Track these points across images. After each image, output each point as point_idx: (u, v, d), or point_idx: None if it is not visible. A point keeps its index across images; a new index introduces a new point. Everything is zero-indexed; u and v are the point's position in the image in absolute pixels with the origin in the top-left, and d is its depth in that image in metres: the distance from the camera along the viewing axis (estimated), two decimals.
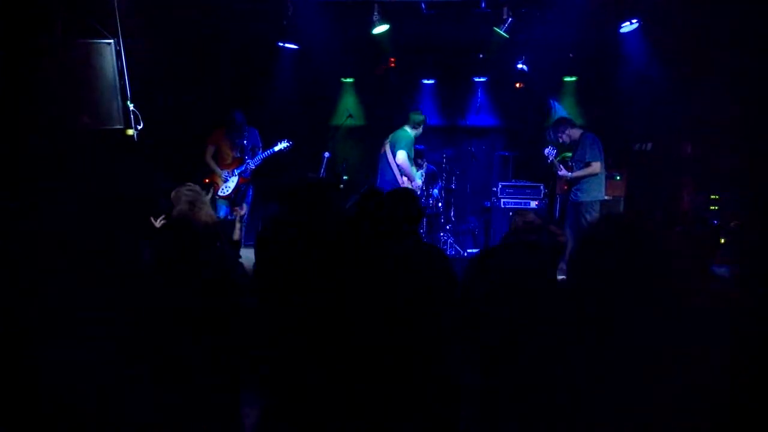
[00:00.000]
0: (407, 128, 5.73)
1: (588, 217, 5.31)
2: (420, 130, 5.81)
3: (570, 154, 5.80)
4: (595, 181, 5.36)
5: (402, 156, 5.49)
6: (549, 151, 5.60)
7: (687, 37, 5.59)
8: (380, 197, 2.84)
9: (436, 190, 7.03)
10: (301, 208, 2.67)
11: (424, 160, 7.04)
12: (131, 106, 4.40)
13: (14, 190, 3.46)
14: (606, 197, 5.61)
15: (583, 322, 1.48)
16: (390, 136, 5.78)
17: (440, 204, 7.14)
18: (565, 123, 5.63)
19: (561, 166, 5.55)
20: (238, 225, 4.09)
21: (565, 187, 5.70)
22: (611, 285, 1.44)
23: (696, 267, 1.62)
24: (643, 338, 1.38)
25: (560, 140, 5.60)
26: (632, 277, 1.41)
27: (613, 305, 1.42)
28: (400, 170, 5.54)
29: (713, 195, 6.03)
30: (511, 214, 3.40)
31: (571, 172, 5.45)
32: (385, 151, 5.73)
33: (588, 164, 5.32)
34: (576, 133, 5.51)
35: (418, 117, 5.80)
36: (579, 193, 5.37)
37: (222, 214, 5.76)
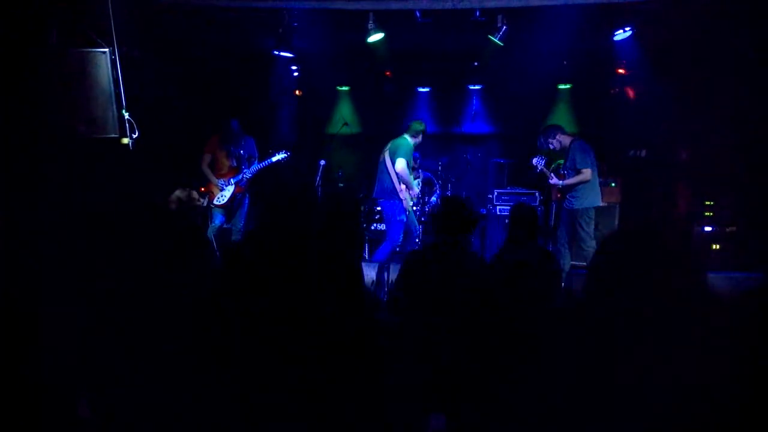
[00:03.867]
0: (407, 137, 5.72)
1: (583, 224, 5.30)
2: (420, 139, 5.80)
3: (560, 162, 5.82)
4: (588, 188, 5.34)
5: (401, 165, 5.48)
6: (537, 160, 5.60)
7: (680, 43, 5.64)
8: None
9: (434, 198, 7.05)
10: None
11: (420, 171, 7.06)
12: (126, 115, 4.39)
13: (8, 198, 3.44)
14: (601, 204, 5.61)
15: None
16: (389, 144, 5.76)
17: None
18: (555, 129, 5.60)
19: (552, 174, 5.54)
20: None
21: (559, 195, 5.69)
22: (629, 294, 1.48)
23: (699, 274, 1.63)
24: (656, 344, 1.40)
25: (550, 146, 5.58)
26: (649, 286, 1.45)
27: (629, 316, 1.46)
28: (398, 178, 5.53)
29: (708, 201, 6.06)
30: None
31: (563, 180, 5.45)
32: (383, 158, 5.72)
33: (579, 171, 5.31)
34: (566, 139, 5.50)
35: (419, 126, 5.78)
36: (573, 201, 5.36)
37: (217, 222, 5.74)
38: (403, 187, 5.58)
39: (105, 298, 2.15)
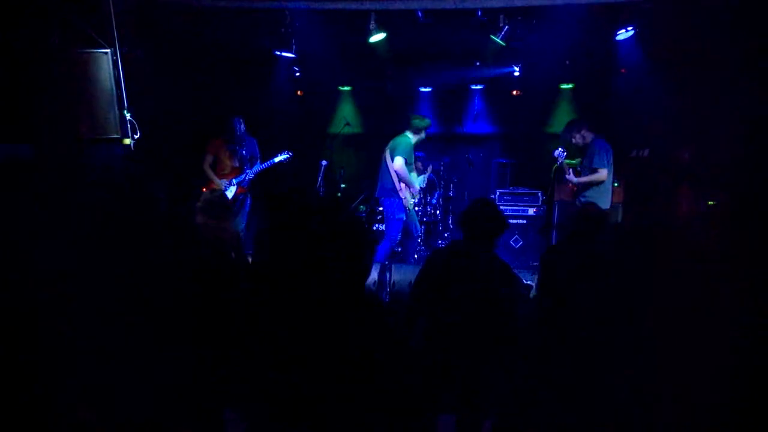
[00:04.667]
0: (408, 134, 5.64)
1: None
2: (422, 135, 5.67)
3: (575, 162, 5.77)
4: (599, 190, 5.28)
5: (399, 162, 5.43)
6: (559, 153, 5.46)
7: (682, 43, 5.61)
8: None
9: (435, 199, 7.04)
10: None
11: (429, 163, 7.03)
12: (128, 116, 4.39)
13: (9, 198, 3.44)
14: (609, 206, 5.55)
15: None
16: (390, 142, 5.72)
17: (438, 212, 7.13)
18: (581, 124, 5.50)
19: (570, 170, 5.46)
20: None
21: (574, 189, 5.63)
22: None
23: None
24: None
25: (573, 140, 5.49)
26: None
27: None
28: (398, 177, 5.50)
29: (711, 201, 6.03)
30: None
31: (578, 177, 5.40)
32: (385, 157, 5.68)
33: (594, 170, 5.25)
34: (589, 136, 5.40)
35: (421, 122, 5.62)
36: (583, 200, 5.33)
37: None
38: (403, 185, 5.56)
39: (105, 297, 2.15)
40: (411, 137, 5.61)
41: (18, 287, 2.28)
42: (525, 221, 6.91)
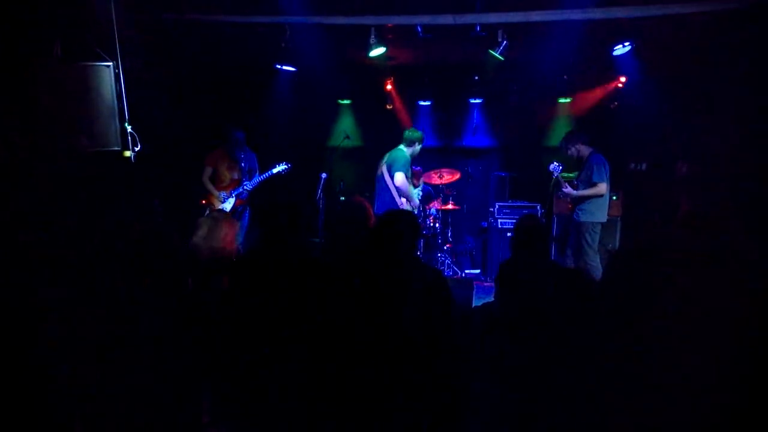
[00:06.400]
0: (403, 148, 5.65)
1: (588, 238, 5.28)
2: (416, 148, 5.68)
3: (572, 175, 5.79)
4: (598, 203, 5.31)
5: (401, 178, 5.43)
6: (554, 167, 5.50)
7: (679, 58, 5.67)
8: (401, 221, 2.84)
9: (433, 210, 7.04)
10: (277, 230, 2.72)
11: (420, 180, 7.07)
12: (129, 128, 4.41)
13: (10, 212, 3.45)
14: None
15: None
16: (386, 157, 5.70)
17: (437, 225, 7.14)
18: (578, 137, 5.52)
19: (566, 184, 5.50)
20: None
21: (570, 206, 5.66)
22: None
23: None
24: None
25: (568, 152, 5.52)
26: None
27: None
28: (398, 192, 5.51)
29: (707, 213, 6.04)
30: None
31: (577, 191, 5.42)
32: (381, 173, 5.67)
33: (595, 185, 5.28)
34: (585, 150, 5.44)
35: (414, 134, 5.64)
36: (581, 213, 5.33)
37: None
38: (404, 200, 5.57)
39: (101, 309, 2.15)
40: (406, 150, 5.61)
41: (16, 289, 2.28)
42: None
